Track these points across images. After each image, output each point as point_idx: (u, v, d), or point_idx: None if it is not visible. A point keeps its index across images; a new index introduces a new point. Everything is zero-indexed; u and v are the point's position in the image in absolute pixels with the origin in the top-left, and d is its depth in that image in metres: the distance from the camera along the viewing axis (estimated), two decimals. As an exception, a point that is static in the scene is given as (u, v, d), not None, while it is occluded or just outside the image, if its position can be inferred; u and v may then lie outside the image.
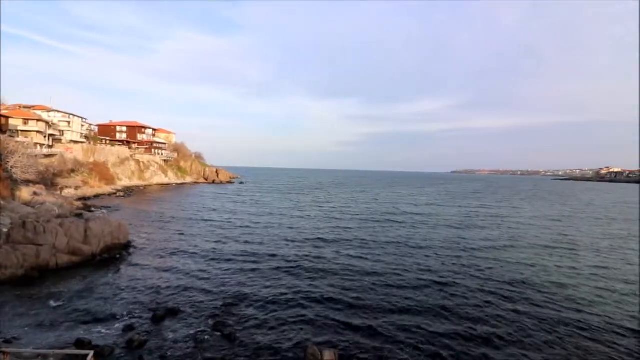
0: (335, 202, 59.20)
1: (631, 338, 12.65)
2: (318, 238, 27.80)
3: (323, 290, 16.70)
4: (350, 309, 14.66)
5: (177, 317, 13.59)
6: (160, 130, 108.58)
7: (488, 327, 13.19)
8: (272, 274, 19.00)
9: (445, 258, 23.06)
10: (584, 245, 28.55)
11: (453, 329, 13.10)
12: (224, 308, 14.54)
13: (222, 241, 26.55)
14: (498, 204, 63.60)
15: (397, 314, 14.29)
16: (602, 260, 23.74)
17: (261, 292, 16.42)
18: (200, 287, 16.85)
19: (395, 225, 35.25)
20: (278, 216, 39.61)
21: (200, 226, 32.46)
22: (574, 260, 23.60)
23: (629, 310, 15.15)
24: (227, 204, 51.33)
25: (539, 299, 16.10)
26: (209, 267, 20.12)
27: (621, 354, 11.52)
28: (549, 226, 38.04)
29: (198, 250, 23.85)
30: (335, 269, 20.03)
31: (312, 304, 15.10)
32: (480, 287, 17.61)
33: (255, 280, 17.96)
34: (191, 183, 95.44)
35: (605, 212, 52.92)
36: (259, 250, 24.00)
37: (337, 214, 42.91)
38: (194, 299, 15.40)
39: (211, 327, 12.84)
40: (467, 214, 46.80)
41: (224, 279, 18.06)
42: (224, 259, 21.89)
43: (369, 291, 16.81)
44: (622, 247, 27.83)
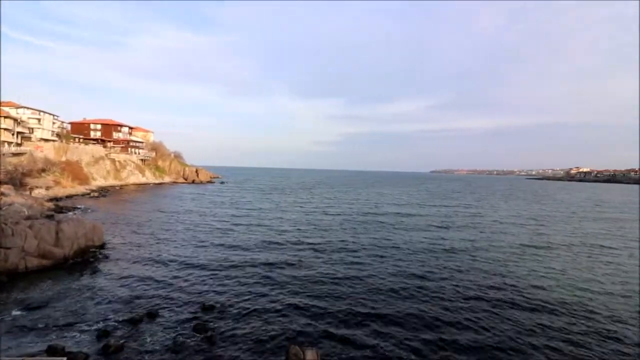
0: (316, 202, 59.22)
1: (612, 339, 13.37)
2: (299, 239, 27.71)
3: (304, 292, 16.74)
4: (332, 310, 14.74)
5: (155, 321, 13.30)
6: (137, 128, 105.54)
7: (470, 330, 13.54)
8: (253, 276, 18.83)
9: (425, 258, 23.55)
10: (559, 243, 29.82)
11: (436, 330, 13.41)
12: (203, 311, 14.33)
13: (201, 243, 26.11)
14: (477, 203, 65.66)
15: (378, 314, 14.50)
16: (576, 258, 24.90)
17: (242, 294, 16.28)
18: (179, 290, 16.53)
19: (376, 226, 35.67)
20: (259, 217, 39.22)
21: (178, 227, 31.80)
22: (552, 259, 24.62)
23: (609, 308, 15.99)
24: (207, 204, 50.43)
25: (521, 301, 16.72)
26: (188, 269, 19.75)
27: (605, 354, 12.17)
28: (525, 224, 39.55)
29: (176, 252, 23.38)
30: (316, 271, 20.07)
31: (293, 306, 15.09)
32: (461, 287, 18.10)
33: (235, 283, 17.79)
34: (170, 183, 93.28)
35: (580, 211, 55.47)
36: (238, 252, 23.73)
37: (318, 214, 42.92)
38: (173, 302, 15.10)
39: (191, 329, 12.64)
40: (447, 214, 47.99)
41: (204, 281, 17.80)
42: (203, 261, 21.51)
43: (350, 292, 16.98)
44: (599, 246, 29.24)
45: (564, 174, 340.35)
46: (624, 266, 22.89)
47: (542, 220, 43.65)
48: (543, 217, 46.10)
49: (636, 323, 14.10)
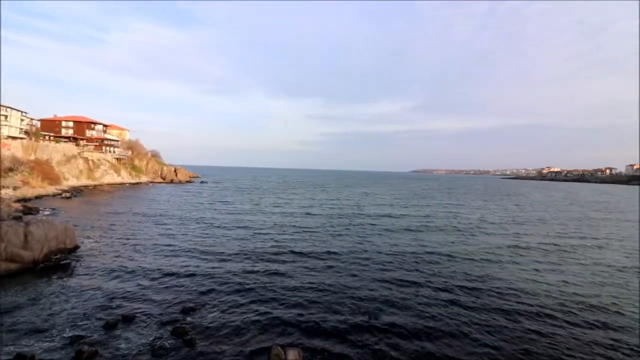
0: (297, 202, 58.98)
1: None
2: (279, 241, 27.45)
3: (285, 294, 16.65)
4: (314, 312, 14.71)
5: (132, 325, 12.90)
6: (112, 126, 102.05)
7: (452, 330, 13.88)
8: (234, 278, 18.56)
9: (407, 260, 23.88)
10: (534, 243, 30.98)
11: (419, 332, 13.66)
12: (183, 313, 14.04)
13: (179, 245, 25.48)
14: (457, 202, 67.35)
15: (359, 314, 14.65)
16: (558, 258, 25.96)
17: (223, 295, 16.04)
18: (156, 293, 16.10)
19: (358, 227, 35.89)
20: (238, 218, 38.60)
21: (155, 229, 30.94)
22: (536, 260, 25.54)
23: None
24: (185, 204, 49.31)
25: (506, 303, 17.27)
26: (166, 272, 19.22)
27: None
28: (504, 224, 40.91)
29: (153, 254, 22.74)
30: (297, 272, 20.02)
31: (274, 307, 14.99)
32: (442, 287, 18.51)
33: (216, 284, 17.49)
34: (147, 183, 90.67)
35: (562, 211, 57.76)
36: (217, 254, 23.25)
37: (299, 214, 42.71)
38: (150, 305, 14.68)
39: (169, 333, 12.34)
40: (429, 214, 49.01)
41: (183, 284, 17.40)
42: (181, 263, 21.01)
43: (331, 293, 17.06)
44: (572, 246, 30.56)
45: (537, 174, 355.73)
46: (607, 265, 24.03)
47: (523, 220, 45.22)
48: (524, 218, 47.75)
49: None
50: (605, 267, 22.71)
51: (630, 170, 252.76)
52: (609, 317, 14.87)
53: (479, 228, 36.61)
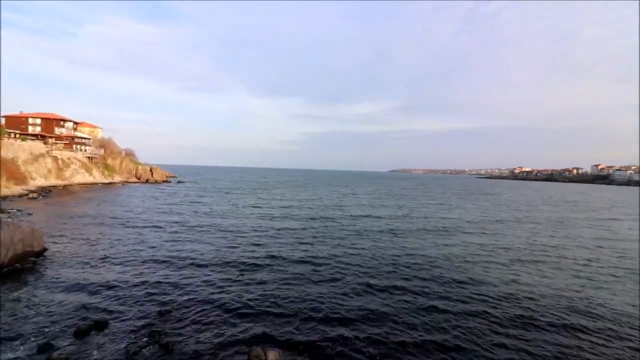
0: (277, 202, 58.46)
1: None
2: (256, 243, 26.87)
3: (263, 293, 16.52)
4: (295, 313, 14.66)
5: (105, 331, 12.44)
6: (84, 123, 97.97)
7: (433, 331, 14.19)
8: (212, 280, 18.25)
9: (385, 259, 24.21)
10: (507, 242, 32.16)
11: (400, 334, 13.88)
12: (158, 317, 13.66)
13: (152, 246, 24.76)
14: (435, 202, 69.05)
15: (341, 317, 14.74)
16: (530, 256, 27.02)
17: (201, 298, 15.70)
18: (130, 297, 15.58)
19: (337, 227, 36.00)
20: (215, 219, 37.82)
21: (127, 231, 29.89)
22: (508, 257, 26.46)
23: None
24: (161, 205, 47.88)
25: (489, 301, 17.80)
26: (139, 275, 18.63)
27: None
28: (481, 222, 42.23)
29: (126, 257, 21.95)
30: (275, 275, 19.76)
31: (253, 307, 14.82)
32: (422, 290, 18.89)
33: (193, 287, 17.12)
34: (121, 182, 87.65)
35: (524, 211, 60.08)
36: (192, 256, 22.59)
37: (278, 216, 42.26)
38: (124, 310, 14.21)
39: (145, 338, 12.00)
40: (407, 213, 49.96)
41: (158, 287, 16.90)
42: (156, 265, 20.46)
43: (311, 293, 17.10)
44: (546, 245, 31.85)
45: (509, 173, 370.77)
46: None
47: (499, 219, 46.80)
48: (500, 217, 49.41)
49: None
50: (581, 266, 23.88)
51: (595, 170, 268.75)
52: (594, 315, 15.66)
53: (458, 228, 37.67)
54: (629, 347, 12.43)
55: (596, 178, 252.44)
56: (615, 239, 33.44)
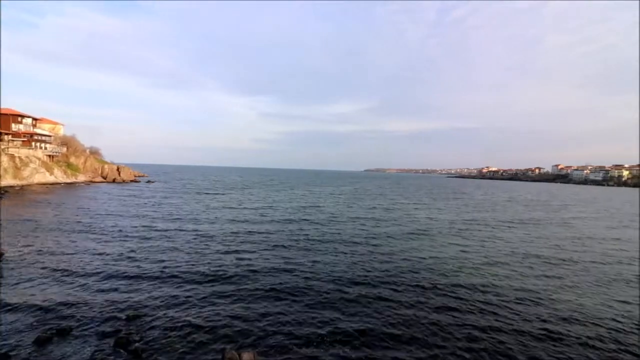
0: (251, 203, 57.31)
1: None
2: (227, 245, 26.10)
3: (235, 296, 16.23)
4: (270, 314, 14.57)
5: (68, 338, 11.80)
6: (44, 120, 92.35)
7: (413, 330, 14.52)
8: (178, 283, 17.68)
9: (362, 262, 24.47)
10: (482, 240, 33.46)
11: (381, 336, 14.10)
12: (126, 322, 13.13)
13: (117, 249, 23.68)
14: (409, 201, 70.81)
15: (315, 313, 14.81)
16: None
17: (169, 302, 15.21)
18: (95, 302, 14.86)
19: (314, 229, 35.73)
20: (185, 220, 36.35)
21: (90, 233, 28.37)
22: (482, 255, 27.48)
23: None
24: (127, 207, 45.44)
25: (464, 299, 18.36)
26: (104, 279, 17.83)
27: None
28: (455, 222, 43.69)
29: (88, 260, 20.94)
30: (248, 276, 19.51)
31: (226, 311, 14.54)
32: (397, 286, 19.27)
33: (163, 290, 16.57)
34: (85, 182, 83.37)
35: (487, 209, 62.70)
36: (161, 259, 21.80)
37: (251, 217, 41.40)
38: (89, 315, 13.53)
39: (112, 344, 11.50)
40: (382, 213, 50.85)
41: (125, 291, 16.24)
42: (120, 268, 19.55)
43: (284, 295, 17.06)
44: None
45: (477, 173, 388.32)
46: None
47: (471, 219, 48.57)
48: (473, 217, 51.29)
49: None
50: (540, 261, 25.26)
51: (555, 169, 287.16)
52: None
53: (434, 228, 38.80)
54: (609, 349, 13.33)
55: (556, 177, 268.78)
56: (595, 237, 35.56)
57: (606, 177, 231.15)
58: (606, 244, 30.89)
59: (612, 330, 13.72)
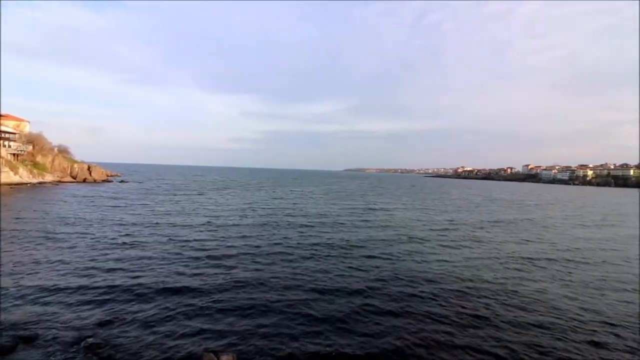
0: (230, 203, 55.83)
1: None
2: (203, 249, 25.05)
3: (210, 302, 15.69)
4: (244, 315, 14.30)
5: (35, 346, 11.12)
6: (8, 116, 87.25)
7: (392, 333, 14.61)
8: (152, 287, 16.98)
9: (344, 264, 24.54)
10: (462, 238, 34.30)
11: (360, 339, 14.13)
12: (98, 328, 12.55)
13: (86, 254, 22.51)
14: (388, 200, 71.76)
15: (294, 315, 14.72)
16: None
17: (142, 306, 14.63)
18: (64, 307, 14.14)
19: (295, 229, 35.52)
20: (158, 223, 34.50)
21: (57, 237, 26.80)
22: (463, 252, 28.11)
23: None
24: (96, 209, 42.64)
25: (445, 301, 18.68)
26: (72, 283, 16.97)
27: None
28: (435, 220, 44.58)
29: (55, 265, 19.84)
30: (226, 278, 19.06)
31: (201, 313, 14.14)
32: (380, 296, 19.42)
33: (133, 294, 15.88)
34: (53, 182, 79.45)
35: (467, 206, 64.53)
36: (132, 264, 20.79)
37: (230, 219, 40.13)
38: (56, 322, 12.81)
39: (83, 351, 10.95)
40: (363, 212, 51.32)
41: (93, 296, 15.47)
42: (90, 273, 18.61)
43: (263, 296, 16.89)
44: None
45: (453, 172, 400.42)
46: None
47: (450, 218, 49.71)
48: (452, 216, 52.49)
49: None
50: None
51: (526, 169, 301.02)
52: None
53: (415, 226, 39.47)
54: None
55: (527, 177, 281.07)
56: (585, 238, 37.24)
57: (572, 177, 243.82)
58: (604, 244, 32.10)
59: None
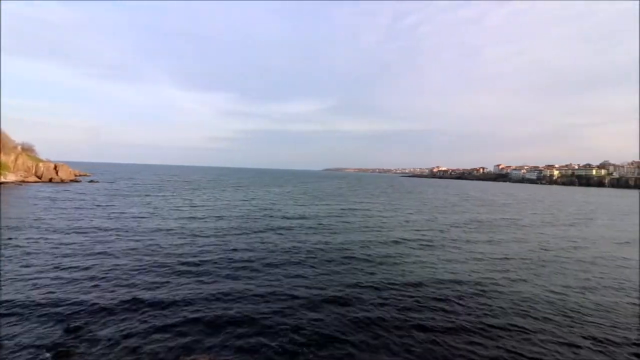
0: (204, 204, 53.47)
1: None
2: (175, 252, 23.74)
3: (188, 301, 15.45)
4: (219, 326, 13.99)
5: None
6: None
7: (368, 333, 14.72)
8: (118, 297, 16.23)
9: (323, 265, 24.55)
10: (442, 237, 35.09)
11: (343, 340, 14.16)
12: (67, 333, 11.93)
13: (46, 262, 21.01)
14: (367, 200, 72.57)
15: (273, 318, 14.59)
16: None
17: (113, 311, 14.02)
18: (29, 311, 13.39)
19: (272, 232, 34.68)
20: (128, 225, 32.69)
21: (21, 240, 25.21)
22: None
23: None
24: (61, 211, 39.68)
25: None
26: (36, 288, 16.13)
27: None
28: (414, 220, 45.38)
29: (18, 269, 18.79)
30: (202, 281, 18.73)
31: (172, 325, 13.44)
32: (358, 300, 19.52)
33: (106, 298, 15.28)
34: (15, 182, 74.90)
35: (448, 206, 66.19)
36: (102, 266, 19.99)
37: (205, 221, 38.94)
38: (20, 330, 12.10)
39: (50, 356, 10.39)
40: (340, 211, 51.60)
41: (63, 300, 14.76)
42: (47, 284, 17.31)
43: (240, 307, 16.66)
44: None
45: (429, 172, 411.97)
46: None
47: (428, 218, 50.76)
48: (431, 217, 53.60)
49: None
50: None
51: (497, 169, 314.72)
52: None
53: (394, 227, 40.03)
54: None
55: (498, 176, 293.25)
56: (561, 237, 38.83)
57: (540, 177, 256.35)
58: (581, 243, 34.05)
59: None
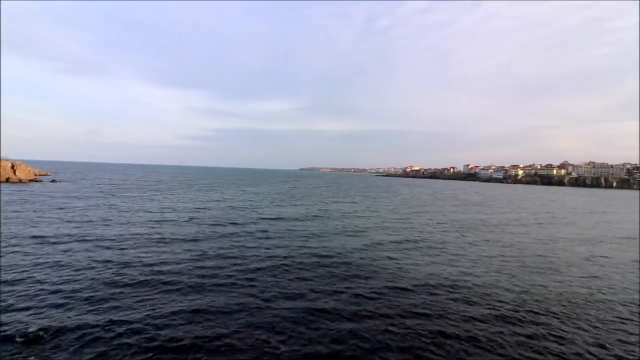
0: (175, 207, 49.42)
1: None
2: (142, 262, 20.95)
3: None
4: (196, 321, 13.46)
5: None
6: None
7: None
8: (89, 296, 15.17)
9: (304, 267, 24.15)
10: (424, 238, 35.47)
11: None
12: (26, 344, 10.74)
13: (10, 262, 19.66)
14: (343, 199, 72.72)
15: (254, 330, 14.05)
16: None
17: (78, 317, 12.96)
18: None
19: (249, 236, 33.39)
20: (90, 229, 29.68)
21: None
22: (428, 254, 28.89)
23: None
24: (16, 215, 34.86)
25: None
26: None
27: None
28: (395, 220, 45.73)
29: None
30: (168, 289, 17.43)
31: (147, 324, 12.83)
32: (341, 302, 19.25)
33: (66, 306, 14.00)
34: (-34, 182, 68.83)
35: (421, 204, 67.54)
36: (65, 272, 18.36)
37: (175, 225, 36.86)
38: (-29, 342, 10.85)
39: (3, 374, 9.32)
40: (317, 211, 51.36)
41: (19, 308, 13.46)
42: (17, 283, 16.23)
43: (216, 306, 16.03)
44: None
45: (402, 172, 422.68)
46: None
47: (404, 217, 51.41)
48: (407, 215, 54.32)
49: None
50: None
51: (466, 169, 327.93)
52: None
53: (370, 227, 40.18)
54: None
55: (467, 176, 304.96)
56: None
57: (506, 176, 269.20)
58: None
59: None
